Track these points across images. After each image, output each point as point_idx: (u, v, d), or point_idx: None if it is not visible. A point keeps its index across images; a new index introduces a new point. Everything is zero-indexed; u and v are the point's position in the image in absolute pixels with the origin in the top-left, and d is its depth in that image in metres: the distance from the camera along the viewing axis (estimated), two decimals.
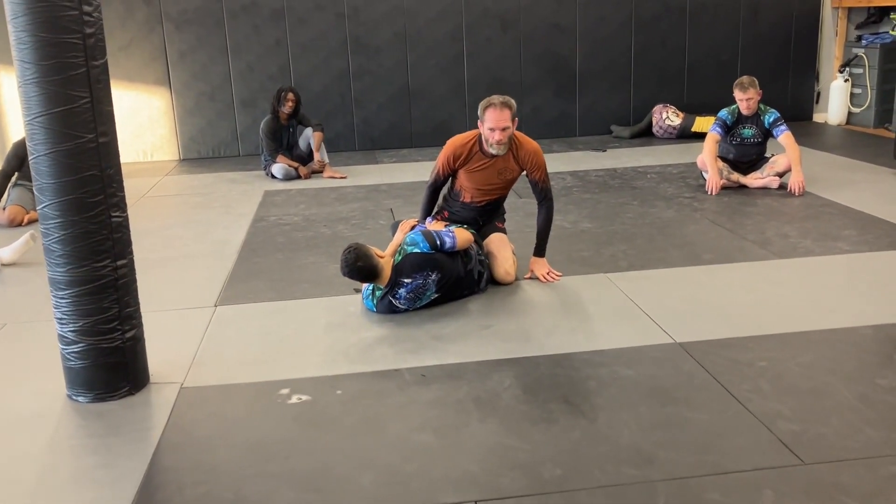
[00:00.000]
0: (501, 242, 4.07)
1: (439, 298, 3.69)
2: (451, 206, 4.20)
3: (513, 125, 3.86)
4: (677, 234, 4.75)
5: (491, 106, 3.81)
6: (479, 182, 4.05)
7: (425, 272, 3.57)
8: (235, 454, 2.52)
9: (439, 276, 3.61)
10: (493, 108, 3.80)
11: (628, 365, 3.04)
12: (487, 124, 3.83)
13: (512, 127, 3.85)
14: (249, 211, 5.72)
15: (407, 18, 7.96)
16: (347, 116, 8.09)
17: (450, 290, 3.70)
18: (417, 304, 3.64)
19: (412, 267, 3.56)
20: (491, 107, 3.81)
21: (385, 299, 3.60)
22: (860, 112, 8.30)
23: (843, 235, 4.57)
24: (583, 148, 7.73)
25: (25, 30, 2.59)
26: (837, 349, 3.12)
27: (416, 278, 3.56)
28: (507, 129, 3.82)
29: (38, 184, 2.75)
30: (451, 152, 4.01)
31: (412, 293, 3.58)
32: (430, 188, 4.16)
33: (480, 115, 3.86)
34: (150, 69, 7.79)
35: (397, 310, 3.62)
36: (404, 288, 3.56)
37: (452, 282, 3.69)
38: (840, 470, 2.31)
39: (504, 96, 3.86)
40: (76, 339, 2.84)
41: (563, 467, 2.37)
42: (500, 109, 3.80)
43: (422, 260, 3.58)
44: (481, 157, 3.98)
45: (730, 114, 5.75)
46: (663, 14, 8.26)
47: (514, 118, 3.85)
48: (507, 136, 3.84)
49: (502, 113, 3.80)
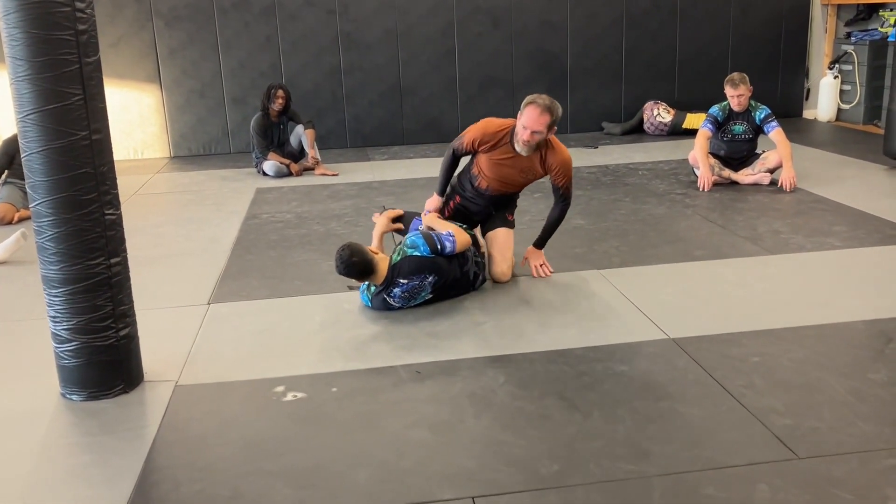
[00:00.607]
0: (504, 241, 3.99)
1: (433, 298, 3.69)
2: (464, 190, 4.09)
3: (547, 132, 3.71)
4: (669, 231, 4.77)
5: (533, 104, 3.66)
6: (498, 174, 3.94)
7: (423, 275, 3.58)
8: (231, 452, 2.52)
9: (436, 279, 3.61)
10: (533, 106, 3.66)
11: (622, 361, 3.05)
12: (522, 121, 3.70)
13: (545, 134, 3.71)
14: (241, 208, 5.71)
15: (398, 15, 7.94)
16: (339, 113, 8.08)
17: (445, 291, 3.71)
18: (411, 303, 3.64)
19: (411, 269, 3.56)
20: (532, 105, 3.66)
21: (380, 296, 3.60)
22: (850, 108, 8.34)
23: (834, 231, 4.60)
24: (574, 144, 7.74)
25: (18, 26, 2.57)
26: (829, 344, 3.14)
27: (413, 280, 3.57)
28: (537, 134, 3.68)
29: (30, 181, 2.73)
30: (480, 135, 3.87)
31: (407, 293, 3.59)
32: (451, 154, 3.99)
33: (522, 107, 3.70)
34: (140, 66, 7.75)
35: (391, 307, 3.62)
36: (400, 287, 3.56)
37: (449, 283, 3.70)
38: (833, 464, 2.33)
39: (551, 101, 3.70)
40: (70, 338, 2.83)
41: (560, 463, 2.38)
42: (541, 112, 3.65)
43: (421, 263, 3.57)
44: (508, 150, 3.85)
45: (721, 110, 5.77)
46: (654, 11, 8.28)
47: (551, 126, 3.70)
48: (535, 140, 3.71)
49: (541, 116, 3.65)
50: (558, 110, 3.71)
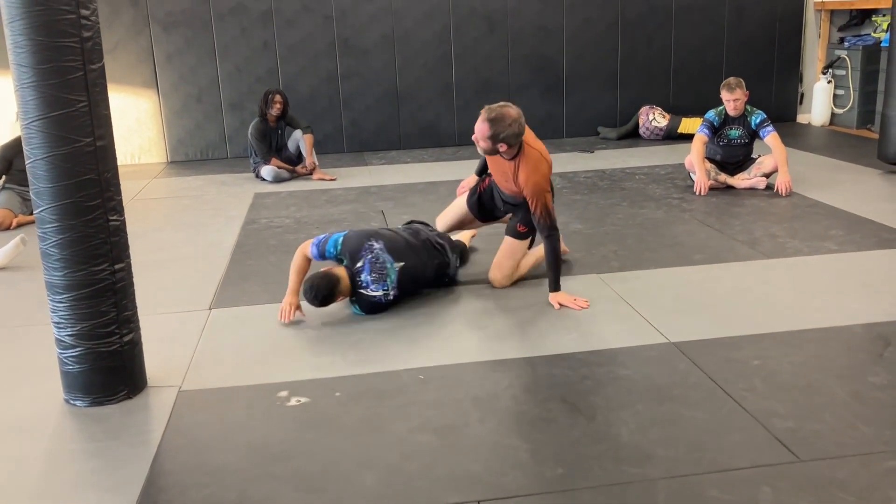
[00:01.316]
0: (505, 250, 3.99)
1: (417, 278, 3.76)
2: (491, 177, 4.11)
3: (492, 145, 3.60)
4: (667, 235, 4.79)
5: (483, 110, 3.60)
6: (495, 172, 3.96)
7: (364, 244, 3.64)
8: (237, 456, 2.53)
9: (383, 243, 3.67)
10: (482, 113, 3.60)
11: (624, 364, 3.07)
12: None
13: (490, 146, 3.61)
14: (240, 213, 5.71)
15: (394, 20, 7.97)
16: (336, 118, 8.09)
17: (412, 256, 3.74)
18: (390, 282, 3.64)
19: (351, 247, 3.64)
20: (482, 111, 3.60)
21: (361, 297, 3.63)
22: (843, 113, 8.39)
23: (831, 235, 4.63)
24: (570, 149, 7.77)
25: (23, 33, 2.58)
26: (829, 347, 3.16)
27: (363, 253, 3.62)
28: (480, 142, 3.63)
29: (35, 188, 2.74)
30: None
31: (374, 272, 3.60)
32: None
33: None
34: (137, 71, 7.75)
35: (381, 299, 3.64)
36: (364, 272, 3.60)
37: (405, 247, 3.74)
38: (835, 466, 2.35)
39: (502, 113, 3.54)
40: (74, 343, 2.83)
41: (565, 466, 2.40)
42: (481, 121, 3.58)
43: (353, 238, 3.67)
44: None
45: (717, 115, 5.81)
46: (649, 16, 8.33)
47: (495, 140, 3.57)
48: (483, 147, 3.64)
49: (481, 124, 3.58)
50: (505, 124, 3.52)
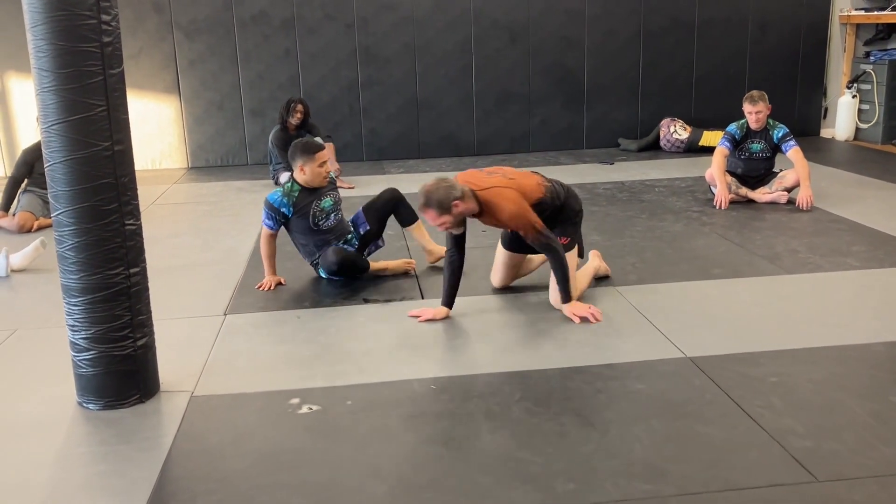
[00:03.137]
0: (503, 260, 4.01)
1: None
2: None
3: (454, 214, 3.46)
4: (686, 248, 4.75)
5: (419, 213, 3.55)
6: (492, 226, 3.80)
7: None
8: (247, 464, 2.52)
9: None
10: (420, 213, 3.56)
11: (639, 379, 3.03)
12: None
13: (452, 216, 3.47)
14: (258, 220, 5.72)
15: (416, 29, 7.99)
16: (355, 126, 8.11)
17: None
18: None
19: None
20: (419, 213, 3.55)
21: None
22: (868, 128, 8.30)
23: (853, 251, 4.57)
24: (590, 160, 7.74)
25: (44, 38, 2.61)
26: (849, 366, 3.11)
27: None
28: (446, 225, 3.51)
29: (53, 191, 2.76)
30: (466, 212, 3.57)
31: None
32: None
33: None
34: (159, 77, 7.82)
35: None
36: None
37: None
38: (854, 487, 2.30)
39: (422, 195, 3.43)
40: (88, 347, 2.84)
41: (576, 481, 2.37)
42: (425, 216, 3.50)
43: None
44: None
45: (738, 128, 5.76)
46: (671, 28, 8.29)
47: (441, 211, 3.43)
48: (450, 224, 3.51)
49: (426, 214, 3.47)
50: (434, 196, 3.41)
